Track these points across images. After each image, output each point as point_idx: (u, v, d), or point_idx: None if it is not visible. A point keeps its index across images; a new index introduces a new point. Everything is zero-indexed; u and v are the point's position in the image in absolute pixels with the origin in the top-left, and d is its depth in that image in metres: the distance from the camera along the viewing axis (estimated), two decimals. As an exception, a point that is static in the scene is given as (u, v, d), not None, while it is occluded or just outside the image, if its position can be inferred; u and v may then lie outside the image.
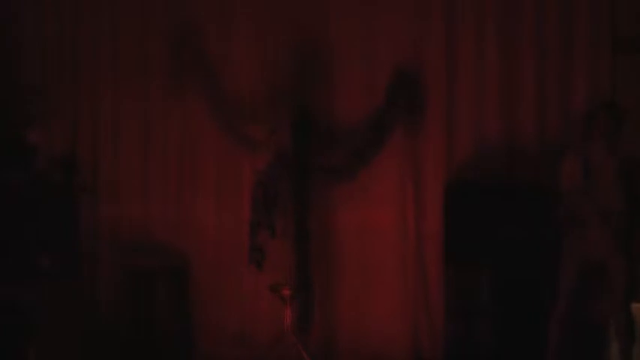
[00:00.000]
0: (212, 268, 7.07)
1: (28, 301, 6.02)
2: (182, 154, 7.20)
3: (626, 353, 5.52)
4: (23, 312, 5.97)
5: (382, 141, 6.74)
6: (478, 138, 6.63)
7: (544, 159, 6.37)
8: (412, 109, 6.70)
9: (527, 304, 6.10)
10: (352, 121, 6.81)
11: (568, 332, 5.59)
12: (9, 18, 7.37)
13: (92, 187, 7.09)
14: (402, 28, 6.76)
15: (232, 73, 7.08)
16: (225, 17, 7.16)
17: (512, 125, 6.58)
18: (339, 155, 6.78)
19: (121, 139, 7.31)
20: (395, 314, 6.77)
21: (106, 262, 7.18)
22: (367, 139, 6.73)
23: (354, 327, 6.83)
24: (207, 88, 7.07)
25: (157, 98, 7.23)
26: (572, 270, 5.56)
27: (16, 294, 6.02)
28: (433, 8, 6.73)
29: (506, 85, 6.59)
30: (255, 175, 6.72)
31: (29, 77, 7.34)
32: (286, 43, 6.94)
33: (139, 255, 7.00)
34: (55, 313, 6.15)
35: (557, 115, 6.51)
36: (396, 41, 6.77)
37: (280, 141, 6.68)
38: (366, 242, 6.84)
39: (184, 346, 6.93)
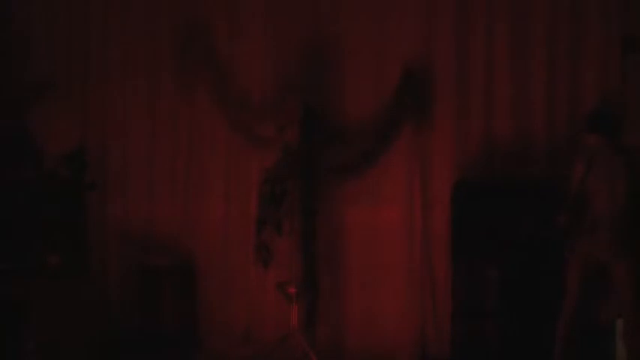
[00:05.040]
0: (219, 266, 7.08)
1: (34, 298, 6.02)
2: (190, 151, 7.20)
3: (633, 354, 5.49)
4: (28, 309, 5.97)
5: (390, 139, 6.74)
6: (487, 136, 6.62)
7: (553, 158, 6.36)
8: (421, 107, 6.68)
9: (534, 303, 6.08)
10: (361, 119, 6.80)
11: (575, 333, 5.56)
12: (15, 13, 7.37)
13: (100, 184, 7.07)
14: (412, 26, 6.76)
15: (241, 70, 7.09)
16: (235, 14, 7.15)
17: (522, 124, 6.57)
18: (347, 153, 6.77)
19: (129, 137, 7.30)
20: (402, 312, 6.76)
21: (113, 259, 7.19)
22: (375, 137, 6.73)
23: (361, 325, 6.83)
24: (216, 85, 7.07)
25: (165, 95, 7.23)
26: (577, 271, 5.53)
27: (22, 291, 6.03)
28: (444, 5, 6.71)
29: (516, 83, 6.58)
30: (262, 172, 6.71)
31: (38, 74, 7.33)
32: (296, 41, 6.94)
33: (146, 252, 7.01)
34: (61, 310, 6.14)
35: (566, 113, 6.49)
36: (406, 39, 6.76)
37: (288, 138, 6.66)
38: (373, 240, 6.84)
39: (191, 343, 6.93)
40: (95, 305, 6.69)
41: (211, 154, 7.15)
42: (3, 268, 6.09)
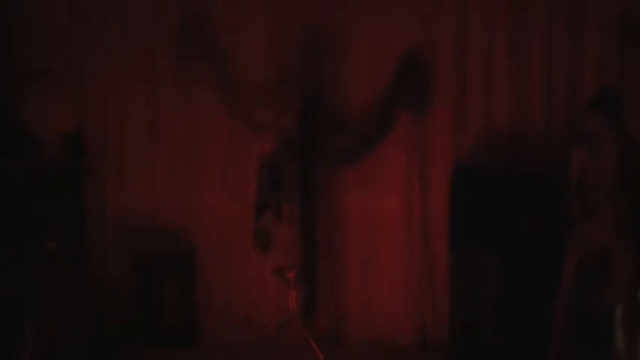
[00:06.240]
0: (218, 253, 7.05)
1: (32, 286, 6.01)
2: (189, 138, 7.13)
3: (632, 342, 5.52)
4: (26, 297, 5.96)
5: (388, 126, 6.76)
6: (486, 125, 6.66)
7: (552, 147, 6.42)
8: (419, 95, 6.71)
9: (532, 291, 6.11)
10: (359, 105, 6.82)
11: (573, 322, 5.59)
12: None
13: (99, 171, 7.06)
14: (412, 14, 6.75)
15: (240, 57, 7.03)
16: (234, 3, 7.12)
17: (521, 112, 6.62)
18: (346, 140, 6.78)
19: (128, 125, 7.23)
20: (400, 300, 6.81)
21: (112, 247, 7.14)
22: (373, 124, 6.75)
23: (359, 312, 6.86)
24: (216, 73, 7.02)
25: (165, 84, 7.15)
26: (576, 257, 5.56)
27: (21, 278, 6.01)
28: (444, -3, 6.75)
29: (515, 72, 6.62)
30: (261, 157, 6.70)
31: (37, 61, 7.29)
32: (294, 27, 6.91)
33: (146, 240, 6.99)
34: (60, 298, 6.13)
35: (565, 103, 6.56)
36: (405, 26, 6.76)
37: (287, 124, 6.66)
38: (372, 227, 6.86)
39: (190, 330, 6.93)
40: (94, 293, 6.69)
41: (210, 141, 7.09)
42: (1, 256, 6.07)
